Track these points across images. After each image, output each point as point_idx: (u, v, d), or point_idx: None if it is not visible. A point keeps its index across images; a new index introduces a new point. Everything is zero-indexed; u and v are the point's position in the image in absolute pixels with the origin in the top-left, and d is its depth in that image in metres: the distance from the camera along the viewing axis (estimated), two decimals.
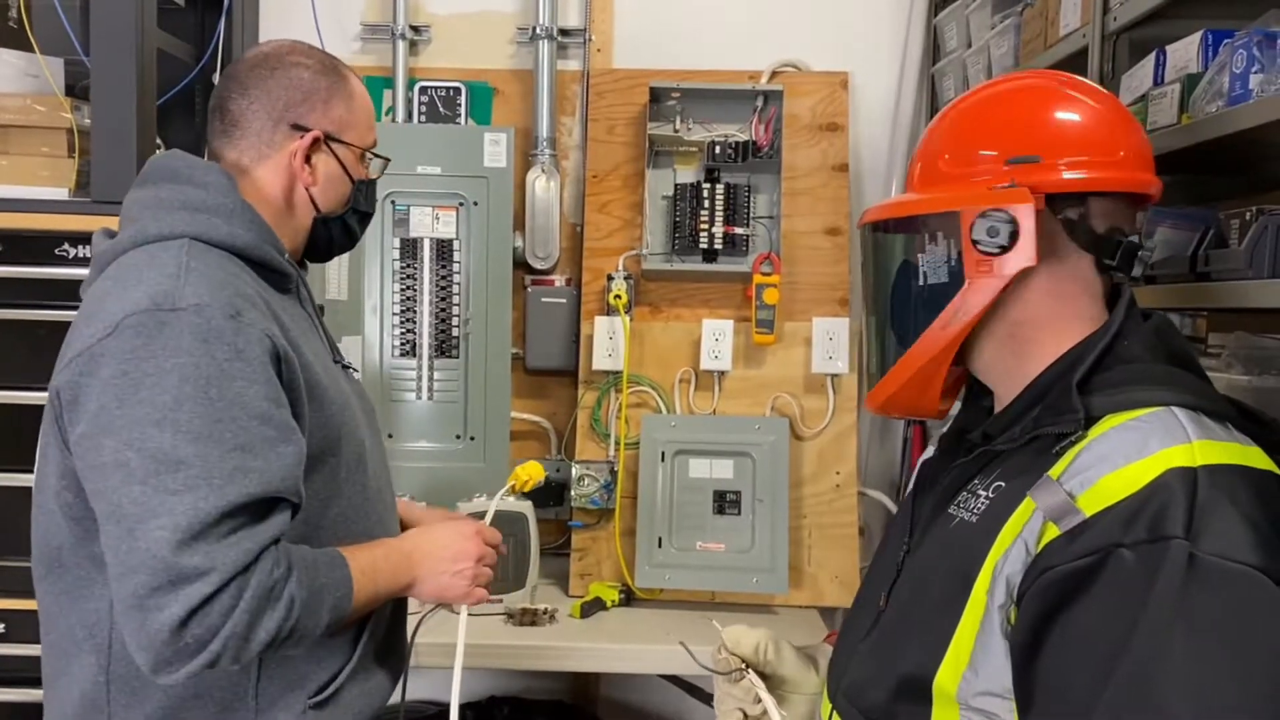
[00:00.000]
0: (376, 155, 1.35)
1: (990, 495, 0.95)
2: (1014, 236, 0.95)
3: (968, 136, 1.05)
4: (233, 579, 1.03)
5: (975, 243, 0.97)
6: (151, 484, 1.02)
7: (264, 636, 1.06)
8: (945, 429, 1.16)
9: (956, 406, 1.17)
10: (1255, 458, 0.88)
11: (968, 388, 1.15)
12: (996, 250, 0.96)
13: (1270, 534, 0.82)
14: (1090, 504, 0.85)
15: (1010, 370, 1.01)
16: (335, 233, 1.33)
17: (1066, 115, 1.01)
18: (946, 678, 0.92)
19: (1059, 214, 0.98)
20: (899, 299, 1.09)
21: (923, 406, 1.10)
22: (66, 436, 1.11)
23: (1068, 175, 0.98)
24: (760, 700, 1.16)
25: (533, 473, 1.59)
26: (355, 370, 1.44)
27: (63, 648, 1.19)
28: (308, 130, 1.26)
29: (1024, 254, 0.95)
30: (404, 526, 1.42)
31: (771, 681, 1.20)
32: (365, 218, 1.37)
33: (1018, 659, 0.87)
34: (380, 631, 1.30)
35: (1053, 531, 0.86)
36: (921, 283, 1.04)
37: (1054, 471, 0.89)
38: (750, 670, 1.18)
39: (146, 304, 1.07)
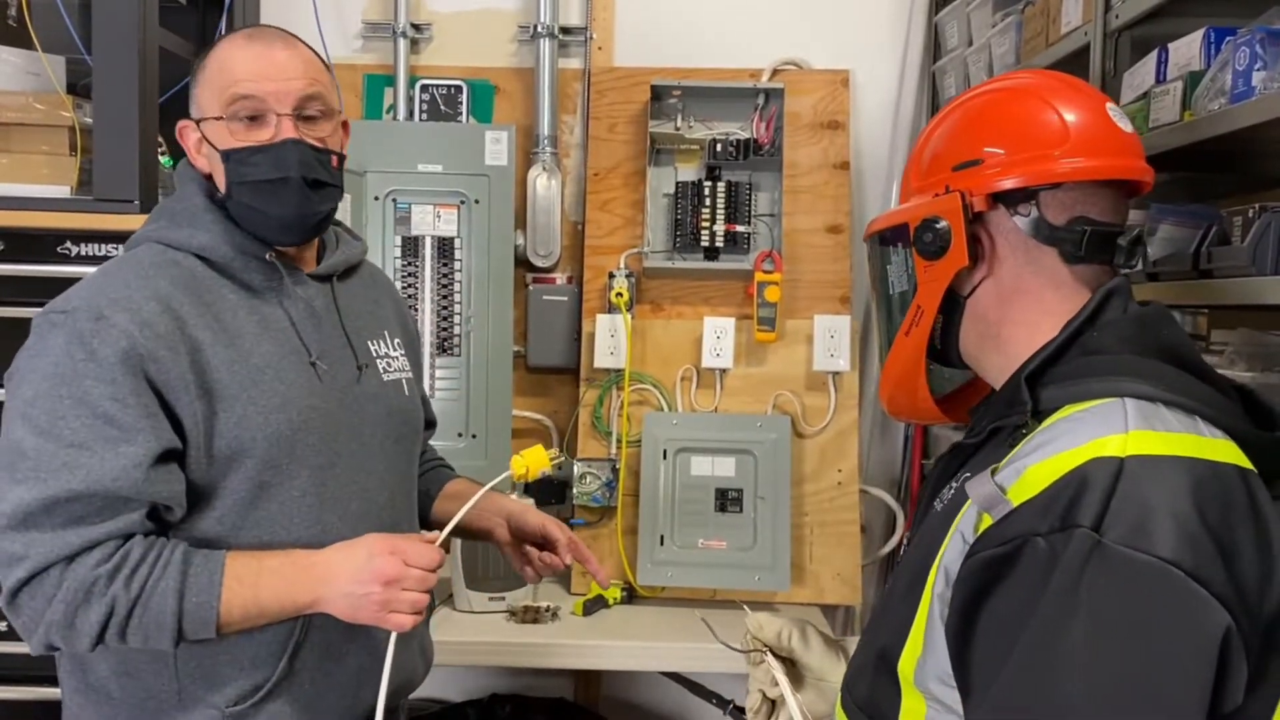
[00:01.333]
0: (233, 116, 1.21)
1: (956, 486, 0.97)
2: (948, 240, 1.00)
3: (928, 152, 1.09)
4: (49, 568, 1.10)
5: (919, 251, 1.03)
6: (5, 473, 1.12)
7: (89, 629, 1.11)
8: None
9: None
10: (1213, 450, 0.87)
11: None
12: (934, 255, 1.01)
13: (1197, 528, 0.80)
14: (1018, 494, 0.86)
15: (1000, 368, 1.02)
16: (238, 213, 1.24)
17: (1009, 115, 1.03)
18: (907, 663, 0.94)
19: (1014, 211, 0.99)
20: (881, 308, 1.14)
21: (920, 411, 1.12)
22: None
23: (1004, 173, 0.99)
24: (778, 684, 1.18)
25: (534, 462, 1.35)
26: (389, 374, 1.38)
27: None
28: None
29: (955, 255, 1.00)
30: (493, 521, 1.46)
31: (797, 669, 1.22)
32: (261, 186, 1.21)
33: (951, 646, 0.89)
34: (319, 658, 1.25)
35: (987, 522, 0.88)
36: (891, 292, 1.10)
37: (1002, 464, 0.91)
38: (770, 655, 1.19)
39: (47, 308, 1.17)
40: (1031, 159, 0.98)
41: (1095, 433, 0.86)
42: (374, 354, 1.37)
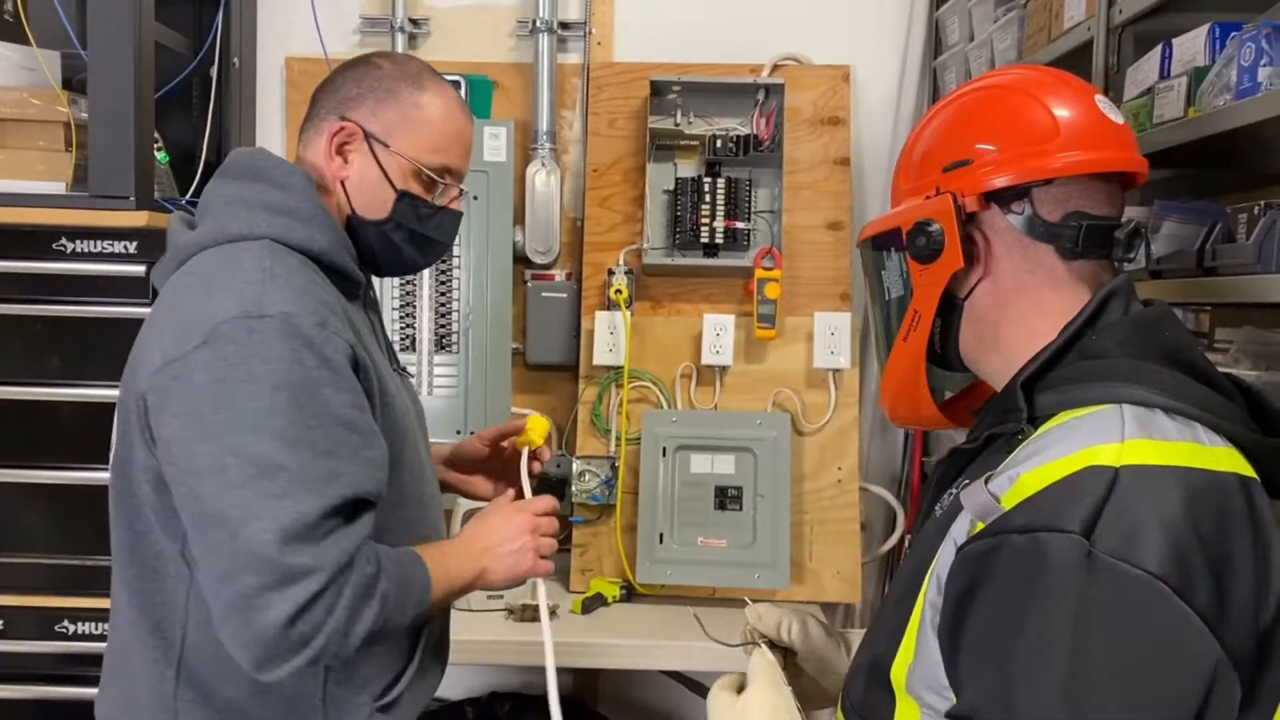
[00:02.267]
0: (435, 177, 1.27)
1: (955, 492, 0.96)
2: (941, 242, 0.98)
3: (917, 153, 1.07)
4: (335, 577, 1.06)
5: (912, 255, 1.01)
6: (252, 488, 1.04)
7: (361, 630, 1.09)
8: None
9: None
10: (1213, 459, 0.85)
11: None
12: (928, 259, 1.00)
13: (1188, 542, 0.79)
14: (1010, 500, 0.86)
15: (1000, 370, 1.01)
16: (373, 239, 1.28)
17: (997, 113, 1.02)
18: (899, 670, 0.94)
19: (1008, 210, 0.98)
20: (878, 314, 1.13)
21: (923, 417, 1.11)
22: (152, 437, 1.12)
23: (994, 171, 0.98)
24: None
25: (539, 427, 1.48)
26: (411, 375, 1.47)
27: (127, 642, 1.21)
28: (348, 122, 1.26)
29: (949, 258, 0.99)
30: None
31: (796, 660, 1.22)
32: (417, 237, 1.29)
33: (943, 648, 0.89)
34: (435, 631, 1.34)
35: (980, 528, 0.88)
36: (887, 297, 1.09)
37: (996, 471, 0.90)
38: (766, 645, 1.19)
39: (236, 311, 1.09)
40: (1022, 155, 0.97)
41: (1090, 441, 0.85)
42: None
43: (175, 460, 1.09)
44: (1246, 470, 0.86)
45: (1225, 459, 0.86)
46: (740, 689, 1.13)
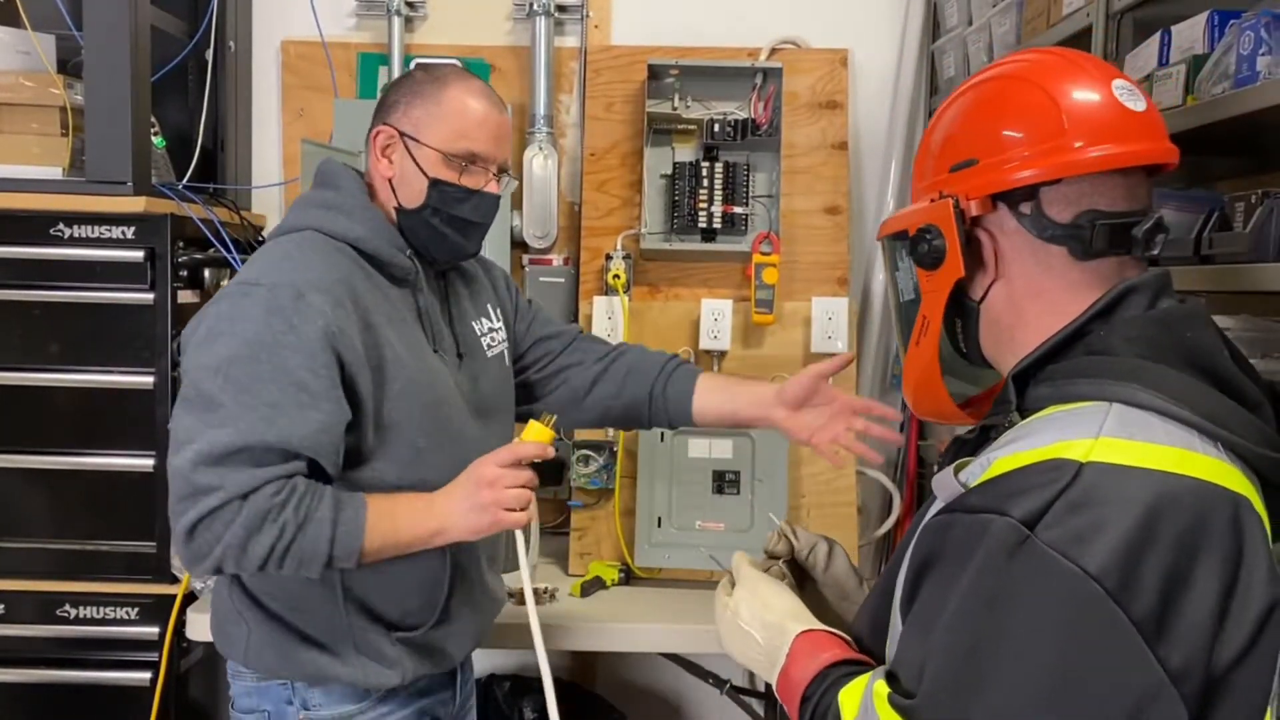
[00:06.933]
0: (461, 162, 1.39)
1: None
2: (943, 250, 0.95)
3: (931, 149, 1.03)
4: (234, 499, 1.22)
5: (917, 261, 0.98)
6: (196, 416, 1.24)
7: (259, 551, 1.23)
8: None
9: None
10: (1202, 468, 0.81)
11: None
12: (931, 266, 0.97)
13: (1143, 547, 0.76)
14: (978, 483, 0.86)
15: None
16: (418, 227, 1.41)
17: (1001, 109, 0.96)
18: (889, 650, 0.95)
19: (1016, 210, 0.93)
20: (897, 313, 1.10)
21: (945, 414, 1.08)
22: None
23: (998, 173, 0.93)
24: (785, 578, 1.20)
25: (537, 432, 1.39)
26: (493, 348, 1.56)
27: None
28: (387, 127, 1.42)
29: (951, 266, 0.95)
30: None
31: (819, 585, 1.23)
32: (455, 220, 1.41)
33: (903, 618, 0.90)
34: (471, 584, 1.49)
35: None
36: (901, 299, 1.06)
37: (969, 460, 0.90)
38: (786, 564, 1.23)
39: (240, 280, 1.30)
40: (1035, 155, 0.91)
41: (1064, 434, 0.83)
42: (478, 332, 1.54)
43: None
44: (1245, 489, 0.82)
45: (1219, 472, 0.82)
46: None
